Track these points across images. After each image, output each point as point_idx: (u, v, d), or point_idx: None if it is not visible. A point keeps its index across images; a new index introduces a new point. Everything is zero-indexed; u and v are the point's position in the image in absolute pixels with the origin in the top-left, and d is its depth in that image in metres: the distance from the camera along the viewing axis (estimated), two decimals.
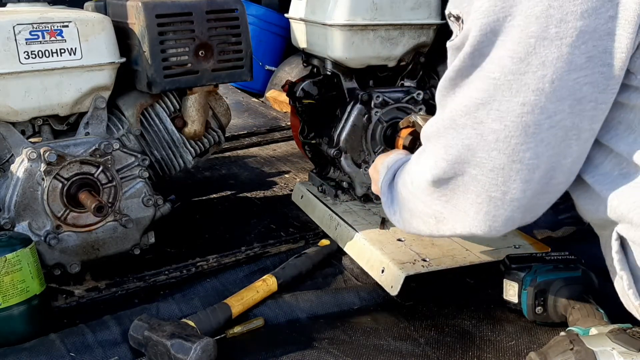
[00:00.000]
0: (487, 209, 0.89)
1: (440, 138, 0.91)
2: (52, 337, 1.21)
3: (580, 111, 0.82)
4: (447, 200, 0.94)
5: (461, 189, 0.91)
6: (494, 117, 0.83)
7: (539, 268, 1.25)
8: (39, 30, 1.29)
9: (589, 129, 0.84)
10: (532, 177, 0.86)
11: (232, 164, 2.30)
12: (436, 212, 0.98)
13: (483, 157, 0.86)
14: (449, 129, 0.89)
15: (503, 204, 0.88)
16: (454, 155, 0.89)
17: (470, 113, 0.86)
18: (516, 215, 0.89)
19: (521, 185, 0.86)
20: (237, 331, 1.25)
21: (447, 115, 0.90)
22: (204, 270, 1.51)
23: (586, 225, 1.74)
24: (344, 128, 1.65)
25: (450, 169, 0.90)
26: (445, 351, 1.19)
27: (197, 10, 1.44)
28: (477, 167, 0.87)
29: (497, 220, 0.90)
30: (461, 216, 0.93)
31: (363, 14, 1.56)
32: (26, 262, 1.21)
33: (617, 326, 1.01)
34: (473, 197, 0.90)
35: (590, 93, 0.81)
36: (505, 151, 0.84)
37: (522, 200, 0.87)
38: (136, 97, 1.51)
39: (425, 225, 1.03)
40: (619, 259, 0.89)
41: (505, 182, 0.86)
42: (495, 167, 0.86)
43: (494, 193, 0.88)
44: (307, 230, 1.72)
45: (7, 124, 1.36)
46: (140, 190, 1.46)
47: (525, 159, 0.84)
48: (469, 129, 0.86)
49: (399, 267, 1.34)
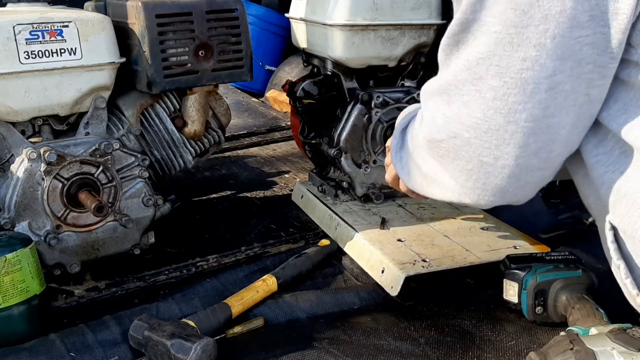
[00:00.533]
0: (477, 175, 0.88)
1: (441, 95, 0.90)
2: (52, 337, 1.21)
3: (579, 74, 0.81)
4: (437, 163, 0.94)
5: (451, 154, 0.90)
6: (494, 72, 0.82)
7: (539, 268, 1.25)
8: (39, 30, 1.29)
9: (585, 94, 0.83)
10: (527, 143, 0.84)
11: (232, 164, 2.30)
12: (428, 173, 0.98)
13: (479, 117, 0.85)
14: (450, 85, 0.88)
15: (494, 169, 0.87)
16: (452, 111, 0.88)
17: (470, 68, 0.85)
18: (506, 186, 0.88)
19: (515, 151, 0.85)
20: (237, 331, 1.25)
21: (449, 72, 0.89)
22: (204, 270, 1.51)
23: (586, 225, 1.76)
24: (344, 128, 1.65)
25: (445, 128, 0.89)
26: (445, 351, 1.19)
27: (197, 10, 1.44)
28: (472, 129, 0.86)
29: (487, 188, 0.89)
30: (450, 182, 0.93)
31: (363, 14, 1.56)
32: (26, 262, 1.21)
33: (617, 326, 1.00)
34: (463, 163, 0.89)
35: (589, 55, 0.80)
36: (502, 110, 0.83)
37: (514, 168, 0.86)
38: (136, 97, 1.51)
39: (419, 184, 1.03)
40: (614, 249, 0.88)
41: (498, 145, 0.85)
42: (491, 129, 0.84)
43: (485, 158, 0.86)
44: (307, 230, 1.72)
45: (7, 124, 1.36)
46: (140, 190, 1.46)
47: (521, 120, 0.83)
48: (468, 86, 0.85)
49: (399, 267, 1.34)
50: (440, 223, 1.59)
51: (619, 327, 1.00)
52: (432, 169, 0.96)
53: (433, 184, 0.99)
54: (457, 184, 0.92)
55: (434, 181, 0.98)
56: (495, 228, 1.55)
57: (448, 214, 1.64)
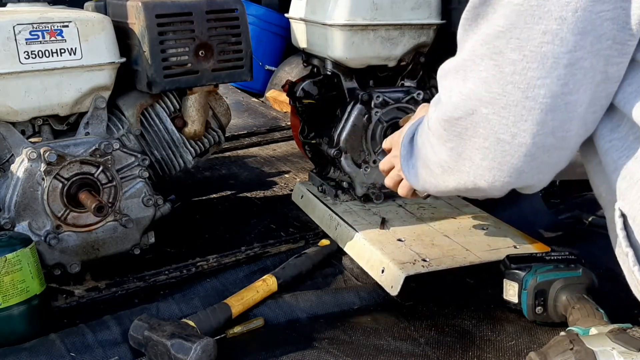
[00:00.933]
0: (494, 154, 0.87)
1: (458, 72, 0.89)
2: (52, 337, 1.21)
3: (599, 50, 0.80)
4: (453, 146, 0.93)
5: (469, 132, 0.89)
6: (514, 46, 0.81)
7: (539, 268, 1.25)
8: (39, 30, 1.29)
9: (603, 71, 0.82)
10: (544, 120, 0.83)
11: (232, 164, 2.30)
12: (442, 161, 0.96)
13: (497, 93, 0.84)
14: (467, 61, 0.87)
15: (511, 147, 0.86)
16: (469, 89, 0.87)
17: (490, 42, 0.84)
18: (522, 165, 0.87)
19: (532, 128, 0.84)
20: (237, 331, 1.25)
21: (468, 48, 0.88)
22: (204, 270, 1.51)
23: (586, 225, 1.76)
24: (344, 128, 1.65)
25: (463, 106, 0.88)
26: (445, 351, 1.19)
27: (197, 10, 1.44)
28: (490, 105, 0.85)
29: (503, 168, 0.88)
30: (466, 164, 0.92)
31: (363, 14, 1.56)
32: (26, 262, 1.21)
33: (617, 326, 1.01)
34: (480, 141, 0.88)
35: (609, 30, 0.79)
36: (520, 85, 0.82)
37: (530, 147, 0.85)
38: (136, 97, 1.51)
39: (432, 176, 1.02)
40: (623, 236, 0.87)
41: (515, 122, 0.84)
42: (508, 104, 0.83)
43: (502, 135, 0.85)
44: (307, 230, 1.72)
45: (7, 124, 1.36)
46: (140, 190, 1.46)
47: (540, 96, 0.82)
48: (487, 60, 0.84)
49: (399, 267, 1.34)
50: (440, 223, 1.59)
51: (619, 327, 1.00)
52: (446, 155, 0.95)
53: (446, 173, 0.97)
54: (472, 165, 0.91)
55: (447, 169, 0.96)
56: (495, 228, 1.55)
57: (448, 214, 1.64)
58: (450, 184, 0.98)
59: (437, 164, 0.99)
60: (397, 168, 1.21)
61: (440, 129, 0.94)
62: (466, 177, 0.93)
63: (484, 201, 1.72)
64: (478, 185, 0.93)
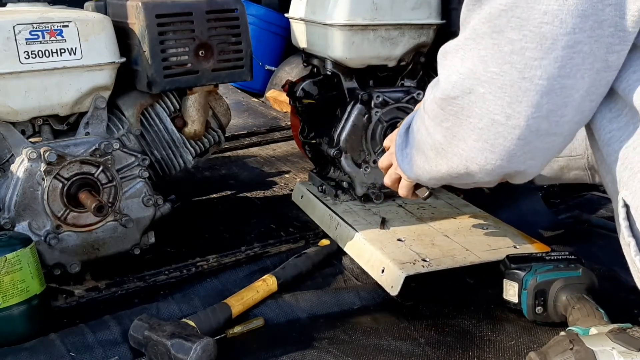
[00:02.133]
0: (487, 135, 0.88)
1: (458, 51, 0.90)
2: (52, 337, 1.21)
3: (600, 36, 0.80)
4: (447, 127, 0.93)
5: (465, 111, 0.89)
6: (514, 25, 0.82)
7: (539, 268, 1.25)
8: (39, 30, 1.29)
9: (603, 59, 0.82)
10: (540, 103, 0.83)
11: (232, 164, 2.30)
12: (436, 143, 0.97)
13: (494, 72, 0.84)
14: (469, 40, 0.88)
15: (504, 129, 0.86)
16: (467, 68, 0.87)
17: (491, 20, 0.84)
18: (515, 149, 0.87)
19: (526, 110, 0.84)
20: (237, 331, 1.25)
21: (469, 28, 0.88)
22: (204, 270, 1.51)
23: (586, 225, 1.76)
24: (344, 128, 1.65)
25: (460, 84, 0.88)
26: (445, 351, 1.19)
27: (197, 10, 1.44)
28: (486, 84, 0.85)
29: (495, 150, 0.88)
30: (460, 145, 0.92)
31: (363, 14, 1.56)
32: (26, 262, 1.21)
33: (617, 326, 1.01)
34: (475, 121, 0.88)
35: (611, 17, 0.79)
36: (517, 65, 0.82)
37: (524, 130, 0.85)
38: (136, 97, 1.51)
39: (426, 161, 1.03)
40: (626, 226, 0.88)
41: (511, 102, 0.84)
42: (505, 84, 0.84)
43: (497, 115, 0.86)
44: (307, 230, 1.72)
45: (7, 124, 1.36)
46: (141, 190, 1.46)
47: (535, 77, 0.82)
48: (486, 39, 0.85)
49: (399, 267, 1.34)
50: (440, 223, 1.59)
51: (619, 327, 1.00)
52: (441, 136, 0.95)
53: (440, 156, 0.98)
54: (466, 147, 0.91)
55: (441, 151, 0.97)
56: (495, 228, 1.55)
57: (448, 214, 1.64)
58: (442, 168, 0.99)
59: (431, 147, 0.99)
60: (395, 164, 1.22)
61: (437, 109, 0.94)
62: (458, 160, 0.94)
63: (484, 201, 1.72)
64: (469, 169, 0.93)
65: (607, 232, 1.68)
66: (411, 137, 1.09)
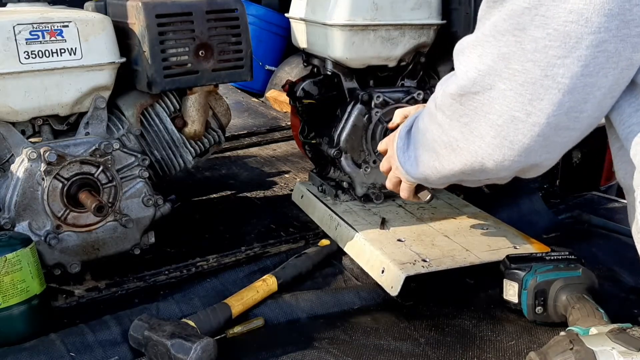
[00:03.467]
0: (506, 132, 0.87)
1: (476, 47, 0.89)
2: (52, 337, 1.21)
3: (626, 36, 0.79)
4: (465, 122, 0.92)
5: (485, 107, 0.88)
6: (538, 23, 0.81)
7: (539, 268, 1.25)
8: (39, 30, 1.29)
9: (628, 58, 0.81)
10: (561, 100, 0.83)
11: (232, 164, 2.30)
12: (451, 139, 0.96)
13: (516, 69, 0.84)
14: (488, 37, 0.87)
15: (524, 126, 0.86)
16: (487, 64, 0.86)
17: (514, 18, 0.83)
18: (534, 145, 0.87)
19: (548, 107, 0.83)
20: (237, 331, 1.25)
21: (489, 24, 0.87)
22: (204, 270, 1.51)
23: (586, 225, 1.76)
24: (344, 128, 1.65)
25: (480, 81, 0.88)
26: (445, 351, 1.19)
27: (197, 10, 1.44)
28: (508, 81, 0.85)
29: (514, 147, 0.88)
30: (477, 142, 0.91)
31: (363, 14, 1.56)
32: (26, 262, 1.21)
33: (617, 326, 1.01)
34: (494, 118, 0.88)
35: (639, 17, 0.78)
36: (540, 63, 0.82)
37: (544, 127, 0.85)
38: (136, 97, 1.51)
39: (437, 160, 1.01)
40: None
41: (531, 100, 0.84)
42: (527, 82, 0.83)
43: (517, 113, 0.85)
44: (307, 230, 1.72)
45: (7, 124, 1.36)
46: (141, 190, 1.46)
47: (558, 75, 0.81)
48: (508, 36, 0.84)
49: (399, 267, 1.34)
50: (440, 223, 1.59)
51: (619, 327, 1.00)
52: (458, 132, 0.94)
53: (454, 153, 0.97)
54: (483, 143, 0.91)
55: (456, 148, 0.96)
56: (495, 228, 1.55)
57: (448, 214, 1.64)
58: (456, 165, 0.98)
59: (445, 144, 0.98)
60: (395, 167, 1.22)
61: (455, 104, 0.93)
62: (474, 156, 0.93)
63: (484, 201, 1.72)
64: (485, 165, 0.92)
65: (607, 232, 1.68)
66: (417, 137, 1.08)
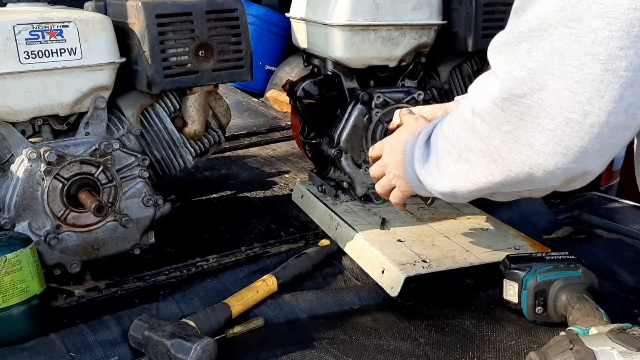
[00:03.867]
0: (560, 137, 0.78)
1: (521, 43, 0.80)
2: (52, 337, 1.21)
3: None
4: (510, 130, 0.82)
5: (533, 111, 0.79)
6: (596, 12, 0.73)
7: (539, 268, 1.25)
8: (39, 30, 1.29)
9: None
10: (622, 96, 0.75)
11: (232, 164, 2.30)
12: (492, 149, 0.85)
13: (572, 65, 0.75)
14: (536, 31, 0.78)
15: (581, 129, 0.77)
16: (538, 61, 0.78)
17: (567, 8, 0.75)
18: (590, 148, 0.78)
19: (608, 105, 0.75)
20: (237, 331, 1.25)
21: (533, 17, 0.79)
22: (204, 270, 1.51)
23: (586, 225, 1.76)
24: (345, 128, 1.65)
25: (529, 81, 0.79)
26: (445, 351, 1.19)
27: (197, 10, 1.44)
28: (562, 79, 0.76)
29: (568, 153, 0.79)
30: (523, 151, 0.82)
31: (364, 14, 1.56)
32: (26, 262, 1.21)
33: (617, 326, 1.01)
34: (545, 122, 0.79)
35: None
36: (600, 56, 0.74)
37: (603, 127, 0.76)
38: (136, 97, 1.51)
39: (471, 171, 0.91)
40: None
41: (590, 99, 0.75)
42: (584, 78, 0.75)
43: (573, 114, 0.77)
44: (307, 230, 1.72)
45: (7, 124, 1.36)
46: (141, 190, 1.46)
47: (620, 69, 0.74)
48: (561, 29, 0.76)
49: (399, 268, 1.34)
50: (440, 223, 1.59)
51: (619, 326, 1.00)
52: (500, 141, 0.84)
53: (494, 164, 0.87)
54: (531, 152, 0.81)
55: (496, 160, 0.86)
56: (495, 228, 1.55)
57: (448, 215, 1.64)
58: (495, 177, 0.88)
59: (483, 154, 0.88)
60: (390, 176, 1.20)
61: (497, 110, 0.83)
62: (520, 167, 0.83)
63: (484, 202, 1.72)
64: (534, 175, 0.83)
65: (607, 232, 1.68)
66: (442, 146, 0.98)
